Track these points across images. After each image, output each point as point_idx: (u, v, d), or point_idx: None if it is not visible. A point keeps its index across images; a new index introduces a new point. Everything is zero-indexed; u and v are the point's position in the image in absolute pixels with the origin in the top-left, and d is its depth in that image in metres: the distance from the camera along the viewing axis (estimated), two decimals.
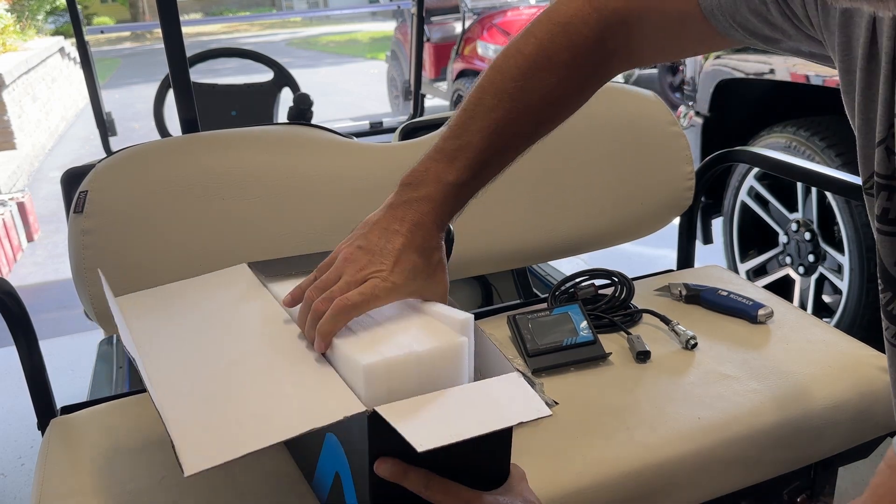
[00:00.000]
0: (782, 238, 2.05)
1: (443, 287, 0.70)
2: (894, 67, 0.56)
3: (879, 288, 0.61)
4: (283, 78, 2.20)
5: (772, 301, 1.14)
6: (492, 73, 0.74)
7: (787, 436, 0.90)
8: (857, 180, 1.03)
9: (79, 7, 1.97)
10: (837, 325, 1.84)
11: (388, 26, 7.92)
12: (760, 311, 1.08)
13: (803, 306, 2.00)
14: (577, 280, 1.16)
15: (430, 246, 0.69)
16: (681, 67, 2.51)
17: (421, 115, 2.33)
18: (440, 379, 0.60)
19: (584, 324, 1.02)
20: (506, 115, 0.73)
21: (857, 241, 1.78)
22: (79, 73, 2.24)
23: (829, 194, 1.84)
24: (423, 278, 0.68)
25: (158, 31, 1.25)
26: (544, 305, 1.11)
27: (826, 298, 2.01)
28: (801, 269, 2.01)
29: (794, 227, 2.00)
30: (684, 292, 1.16)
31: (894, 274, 0.59)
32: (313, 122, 2.02)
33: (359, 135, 2.01)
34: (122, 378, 1.38)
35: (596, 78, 0.76)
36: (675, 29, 0.72)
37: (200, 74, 1.90)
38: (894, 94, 0.55)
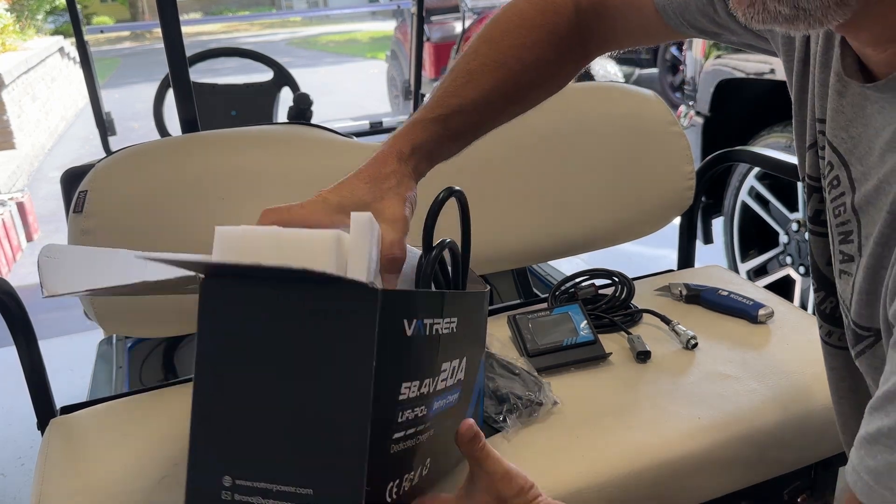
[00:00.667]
0: (783, 238, 2.05)
1: (391, 212, 0.65)
2: (823, 72, 0.57)
3: (812, 287, 0.62)
4: (283, 77, 2.20)
5: (772, 301, 1.14)
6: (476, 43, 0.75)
7: (787, 436, 0.90)
8: None
9: (78, 7, 1.96)
10: None
11: (388, 26, 7.92)
12: (761, 311, 1.08)
13: (804, 306, 1.99)
14: (578, 280, 1.16)
15: (382, 173, 0.68)
16: (681, 67, 2.51)
17: None
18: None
19: (585, 324, 1.02)
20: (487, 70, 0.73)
21: None
22: (78, 73, 2.24)
23: None
24: (365, 199, 0.67)
25: (158, 31, 1.25)
26: (544, 305, 1.11)
27: None
28: (801, 269, 2.01)
29: (794, 226, 2.00)
30: (685, 292, 1.16)
31: (825, 273, 0.60)
32: (313, 121, 2.02)
33: (359, 134, 2.01)
34: (121, 378, 1.38)
35: (576, 53, 0.78)
36: (637, 20, 0.75)
37: (200, 74, 1.90)
38: (825, 98, 0.55)
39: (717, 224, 2.30)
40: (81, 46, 2.00)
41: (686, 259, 1.37)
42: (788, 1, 0.44)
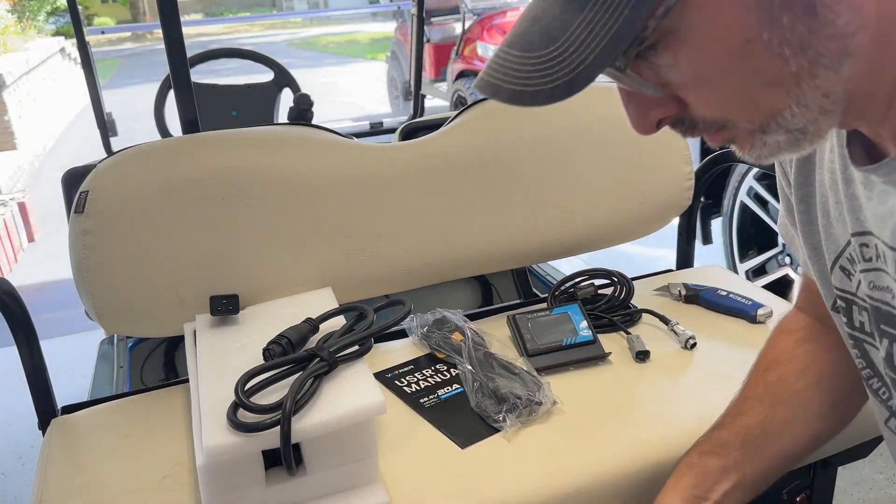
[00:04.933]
0: (781, 238, 2.05)
1: None
2: (848, 186, 0.56)
3: (876, 395, 0.62)
4: (284, 78, 2.20)
5: (771, 301, 1.14)
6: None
7: None
8: None
9: (79, 7, 1.97)
10: None
11: (389, 27, 7.92)
12: (760, 311, 1.08)
13: None
14: (577, 280, 1.16)
15: None
16: None
17: (421, 115, 2.33)
18: None
19: (584, 323, 1.02)
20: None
21: None
22: (79, 74, 2.25)
23: None
24: None
25: (159, 32, 1.25)
26: (544, 305, 1.11)
27: None
28: (800, 269, 2.01)
29: None
30: (684, 292, 1.16)
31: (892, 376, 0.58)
32: (313, 122, 2.02)
33: (359, 135, 2.01)
34: (122, 378, 1.38)
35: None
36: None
37: (201, 75, 1.90)
38: (859, 210, 0.55)
39: (716, 224, 2.30)
40: (82, 47, 2.00)
41: (685, 259, 1.37)
42: (780, 129, 0.45)
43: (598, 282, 1.16)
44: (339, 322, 0.94)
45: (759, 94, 0.44)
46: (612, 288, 1.14)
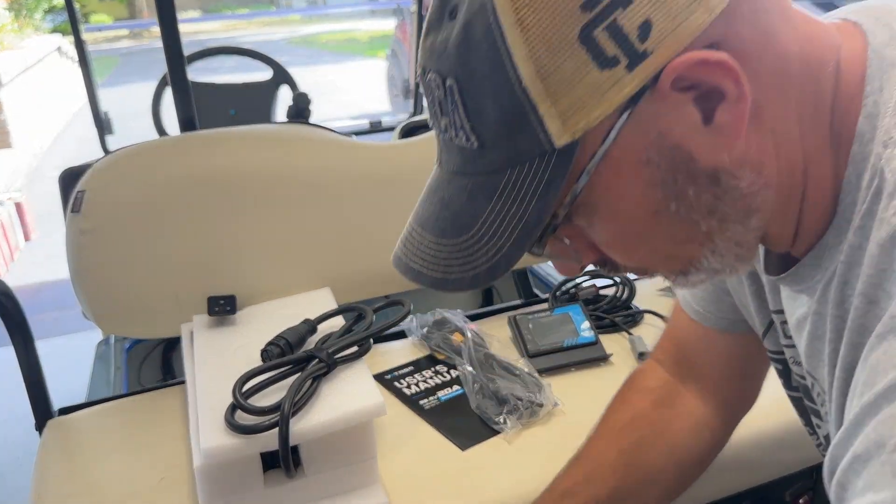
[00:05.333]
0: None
1: None
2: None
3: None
4: (282, 76, 2.20)
5: None
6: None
7: (789, 437, 0.90)
8: None
9: (76, 5, 1.96)
10: None
11: (388, 24, 7.91)
12: None
13: None
14: (578, 280, 1.16)
15: None
16: None
17: (421, 113, 2.32)
18: None
19: (586, 324, 1.02)
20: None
21: None
22: (76, 72, 2.24)
23: None
24: None
25: (156, 30, 1.24)
26: (545, 306, 1.11)
27: None
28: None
29: None
30: None
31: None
32: (312, 120, 2.01)
33: (358, 133, 2.01)
34: (119, 379, 1.38)
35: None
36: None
37: (198, 73, 1.89)
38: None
39: None
40: (79, 45, 1.99)
41: None
42: (699, 272, 0.47)
43: (599, 282, 1.15)
44: (337, 323, 0.93)
45: (674, 250, 0.46)
46: (613, 288, 1.13)
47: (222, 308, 0.97)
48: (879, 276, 0.40)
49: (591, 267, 0.50)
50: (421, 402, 0.93)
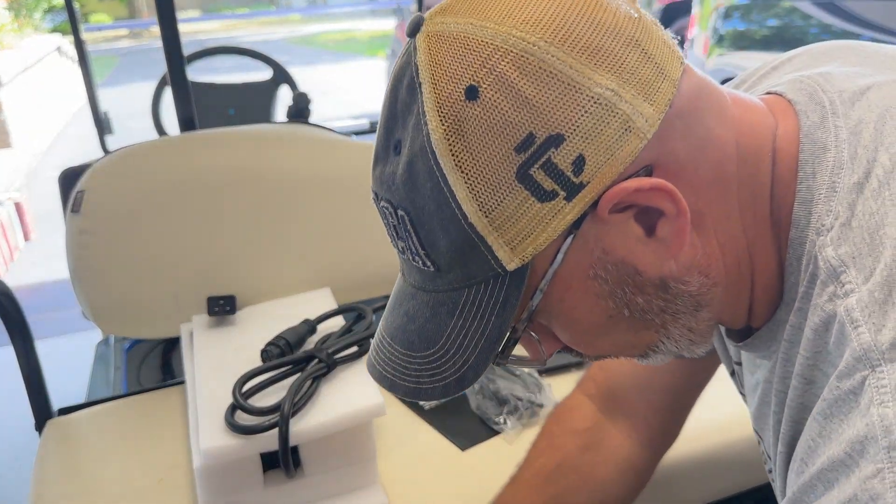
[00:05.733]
0: None
1: None
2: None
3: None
4: (282, 76, 2.19)
5: None
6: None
7: None
8: None
9: (76, 5, 1.96)
10: None
11: (388, 24, 7.91)
12: None
13: None
14: None
15: None
16: None
17: None
18: None
19: None
20: None
21: None
22: (76, 72, 2.24)
23: None
24: None
25: (156, 29, 1.24)
26: None
27: None
28: None
29: None
30: None
31: None
32: (312, 120, 2.01)
33: (358, 133, 2.00)
34: (119, 379, 1.38)
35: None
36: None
37: (198, 72, 1.89)
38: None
39: None
40: (79, 45, 1.99)
41: None
42: (658, 353, 0.49)
43: None
44: (337, 323, 0.93)
45: (633, 339, 0.48)
46: None
47: (222, 308, 0.97)
48: (814, 357, 0.42)
49: None
50: (421, 402, 0.93)
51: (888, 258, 0.39)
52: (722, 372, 0.98)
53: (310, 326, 0.90)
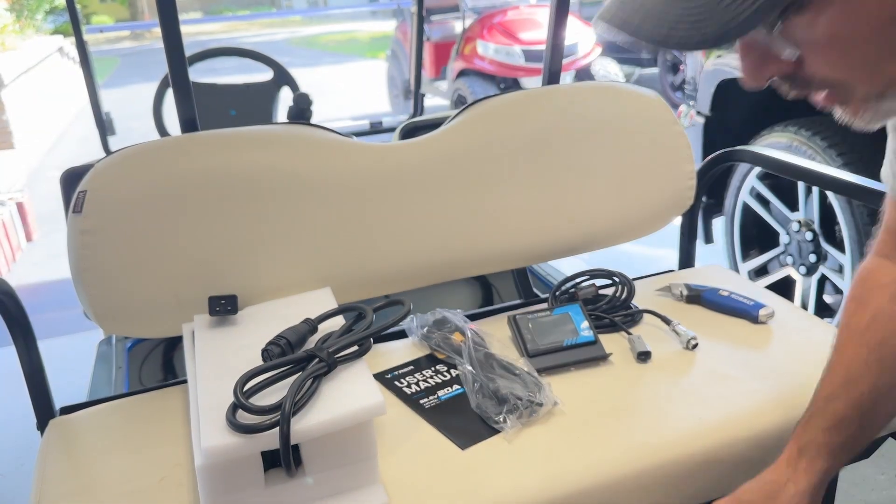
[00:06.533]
0: (784, 238, 2.05)
1: None
2: None
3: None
4: (283, 77, 2.20)
5: (773, 301, 1.13)
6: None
7: (788, 436, 0.90)
8: (859, 180, 1.03)
9: (77, 6, 1.96)
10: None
11: (388, 25, 7.91)
12: (762, 312, 1.08)
13: (805, 306, 1.99)
14: (578, 280, 1.16)
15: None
16: (682, 67, 2.51)
17: (421, 114, 2.33)
18: None
19: (585, 324, 1.02)
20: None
21: (859, 240, 1.77)
22: (78, 73, 2.24)
23: (830, 194, 1.84)
24: None
25: (157, 31, 1.25)
26: (545, 305, 1.11)
27: (827, 299, 2.00)
28: (802, 269, 2.00)
29: (795, 226, 2.00)
30: (685, 292, 1.16)
31: None
32: (313, 121, 2.01)
33: (359, 134, 2.01)
34: (121, 378, 1.38)
35: None
36: None
37: (200, 74, 1.89)
38: None
39: (718, 224, 2.29)
40: (81, 46, 2.00)
41: (687, 259, 1.37)
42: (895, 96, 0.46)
43: (599, 282, 1.15)
44: (338, 322, 0.93)
45: (887, 64, 0.44)
46: (613, 288, 1.14)
47: (223, 308, 0.97)
48: None
49: (587, 265, 0.50)
50: (421, 401, 0.93)
51: None
52: (720, 373, 0.98)
53: (310, 326, 0.90)
